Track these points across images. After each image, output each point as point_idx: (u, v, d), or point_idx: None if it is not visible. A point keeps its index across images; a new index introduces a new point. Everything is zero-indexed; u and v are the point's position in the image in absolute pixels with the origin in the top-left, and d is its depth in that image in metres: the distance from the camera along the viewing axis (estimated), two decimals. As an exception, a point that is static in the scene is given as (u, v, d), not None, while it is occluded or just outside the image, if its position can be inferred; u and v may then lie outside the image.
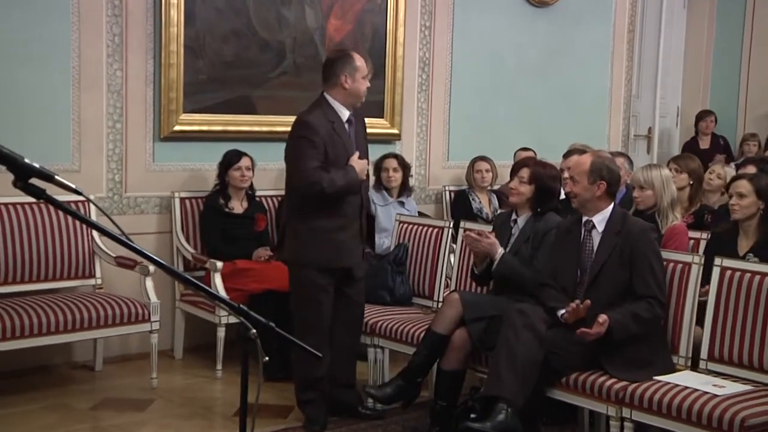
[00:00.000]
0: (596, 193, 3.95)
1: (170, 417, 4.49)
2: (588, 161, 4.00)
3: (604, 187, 3.95)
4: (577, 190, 3.99)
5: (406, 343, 4.47)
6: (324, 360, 4.17)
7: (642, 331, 3.78)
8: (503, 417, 3.63)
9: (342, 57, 4.30)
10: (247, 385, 2.31)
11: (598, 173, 3.95)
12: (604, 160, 4.04)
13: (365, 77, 4.26)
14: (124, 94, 5.31)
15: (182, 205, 5.51)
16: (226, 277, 5.12)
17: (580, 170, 3.99)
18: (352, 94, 4.25)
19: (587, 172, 3.96)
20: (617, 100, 7.94)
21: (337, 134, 4.19)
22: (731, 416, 3.33)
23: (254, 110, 5.83)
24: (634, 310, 3.77)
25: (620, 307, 3.78)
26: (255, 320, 2.23)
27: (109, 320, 4.68)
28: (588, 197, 3.97)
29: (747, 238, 4.36)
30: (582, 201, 3.99)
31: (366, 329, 4.62)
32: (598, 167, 3.96)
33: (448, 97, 6.84)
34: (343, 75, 4.22)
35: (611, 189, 3.98)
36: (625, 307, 3.78)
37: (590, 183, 3.95)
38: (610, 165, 4.03)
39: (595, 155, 4.10)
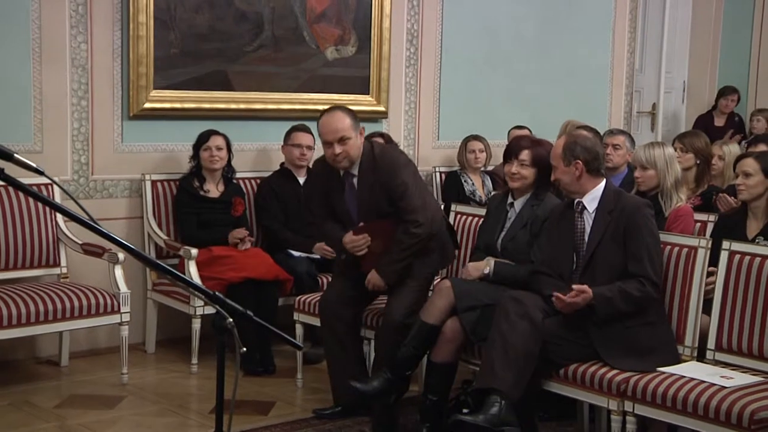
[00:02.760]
0: (576, 174, 3.98)
1: (142, 414, 4.49)
2: (561, 143, 4.06)
3: (581, 165, 3.97)
4: (558, 176, 4.04)
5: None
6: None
7: (631, 310, 3.80)
8: (497, 410, 3.64)
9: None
10: (223, 379, 2.31)
11: (571, 153, 3.98)
12: (576, 138, 4.07)
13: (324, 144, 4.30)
14: (89, 68, 5.28)
15: (154, 189, 5.50)
16: (201, 265, 5.11)
17: (555, 155, 4.05)
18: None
19: (561, 155, 4.00)
20: (619, 75, 7.95)
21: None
22: (740, 409, 3.35)
23: (230, 86, 5.82)
24: (622, 287, 3.81)
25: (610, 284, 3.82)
26: (231, 309, 2.24)
27: (75, 312, 4.67)
28: (569, 180, 4.00)
29: (756, 220, 4.38)
30: (566, 185, 4.04)
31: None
32: (571, 147, 3.99)
33: (438, 72, 6.84)
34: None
35: (591, 166, 3.99)
36: (614, 284, 3.82)
37: (566, 165, 3.99)
38: (583, 143, 4.03)
39: (567, 135, 4.16)
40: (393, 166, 4.31)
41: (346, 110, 4.35)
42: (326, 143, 4.29)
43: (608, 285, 3.82)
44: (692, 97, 9.22)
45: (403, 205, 4.28)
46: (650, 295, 3.83)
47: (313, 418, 4.45)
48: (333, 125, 4.25)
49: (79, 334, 5.20)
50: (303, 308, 4.87)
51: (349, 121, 4.28)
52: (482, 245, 4.41)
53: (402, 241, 4.31)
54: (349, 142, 4.25)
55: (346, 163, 4.31)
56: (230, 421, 2.28)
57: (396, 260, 4.32)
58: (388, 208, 4.34)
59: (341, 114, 4.30)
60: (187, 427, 4.35)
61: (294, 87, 6.09)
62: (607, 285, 3.82)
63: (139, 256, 2.35)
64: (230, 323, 2.21)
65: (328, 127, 4.26)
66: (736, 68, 9.35)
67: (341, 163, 4.30)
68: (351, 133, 4.26)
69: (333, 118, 4.28)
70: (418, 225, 4.27)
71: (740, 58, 9.39)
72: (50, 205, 2.57)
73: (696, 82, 9.23)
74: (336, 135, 4.23)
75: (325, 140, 4.29)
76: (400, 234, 4.31)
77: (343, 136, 4.24)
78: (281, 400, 4.72)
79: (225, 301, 2.25)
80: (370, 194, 4.34)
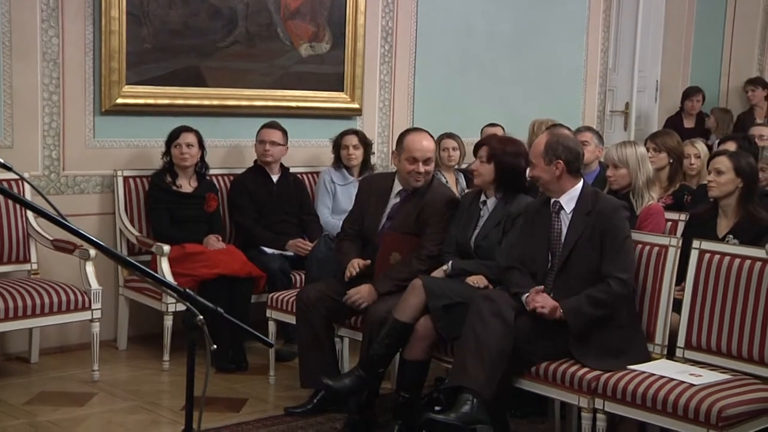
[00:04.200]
0: (556, 174, 3.99)
1: (113, 412, 4.47)
2: (543, 141, 4.05)
3: (562, 166, 3.98)
4: (537, 174, 4.04)
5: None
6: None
7: (603, 313, 3.82)
8: (468, 408, 3.66)
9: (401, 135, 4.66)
10: (193, 376, 2.31)
11: (553, 153, 3.99)
12: (558, 138, 4.08)
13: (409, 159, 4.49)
14: (60, 63, 5.24)
15: (126, 185, 5.47)
16: (174, 261, 5.09)
17: (535, 152, 4.04)
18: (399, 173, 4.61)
19: (542, 153, 4.00)
20: (592, 74, 8.00)
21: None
22: (708, 407, 3.38)
23: (203, 82, 5.79)
24: (588, 293, 3.83)
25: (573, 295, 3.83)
26: (202, 306, 2.23)
27: (45, 308, 4.64)
28: (548, 179, 4.01)
29: (726, 218, 4.42)
30: (545, 184, 4.04)
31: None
32: (553, 147, 4.00)
33: (413, 70, 6.84)
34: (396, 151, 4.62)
35: (571, 167, 4.01)
36: (581, 293, 3.83)
37: (547, 164, 3.99)
38: (565, 142, 4.05)
39: (549, 134, 4.15)
40: (440, 199, 4.52)
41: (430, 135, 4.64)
42: (413, 159, 4.47)
43: (575, 296, 3.82)
44: (665, 96, 9.28)
45: (428, 232, 4.46)
46: (618, 294, 3.83)
47: (285, 415, 4.44)
48: (428, 145, 4.52)
49: (49, 330, 5.16)
50: (276, 305, 4.86)
51: (434, 145, 4.63)
52: (454, 243, 4.42)
53: (411, 263, 4.41)
54: (431, 164, 4.54)
55: (423, 182, 4.53)
56: (200, 417, 2.28)
57: (397, 279, 4.39)
58: (415, 229, 4.50)
59: (430, 137, 4.60)
60: (159, 424, 4.33)
61: (268, 83, 6.07)
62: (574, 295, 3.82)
63: (109, 252, 2.34)
64: (200, 320, 2.21)
65: (420, 144, 4.49)
66: (708, 68, 9.43)
67: (420, 182, 4.51)
68: (434, 156, 4.60)
69: (426, 138, 4.56)
70: (430, 255, 4.42)
71: (712, 58, 9.47)
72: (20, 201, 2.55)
73: (669, 81, 9.30)
74: (426, 154, 4.48)
75: (413, 156, 4.47)
76: (413, 256, 4.43)
77: (431, 157, 4.52)
78: (253, 397, 4.72)
79: (195, 298, 2.24)
80: (409, 214, 4.52)
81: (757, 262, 3.77)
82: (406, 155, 4.49)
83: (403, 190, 4.59)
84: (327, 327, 4.53)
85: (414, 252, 4.45)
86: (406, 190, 4.58)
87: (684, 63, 9.47)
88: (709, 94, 9.10)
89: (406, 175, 4.52)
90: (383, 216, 4.60)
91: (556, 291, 3.92)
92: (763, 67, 9.40)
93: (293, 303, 4.68)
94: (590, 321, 3.81)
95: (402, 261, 4.46)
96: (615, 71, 8.54)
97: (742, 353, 3.76)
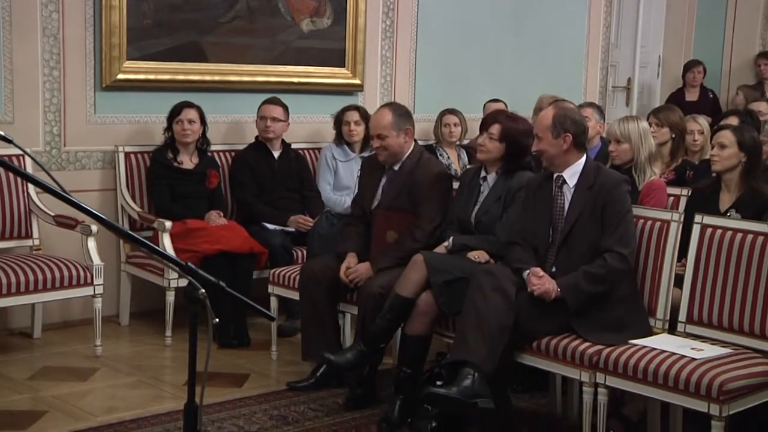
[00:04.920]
0: (563, 147, 3.96)
1: (115, 386, 4.48)
2: (550, 115, 4.00)
3: (570, 139, 3.96)
4: (543, 147, 3.99)
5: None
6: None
7: (602, 289, 3.82)
8: (469, 382, 3.66)
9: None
10: (195, 349, 2.31)
11: (561, 126, 3.96)
12: (566, 111, 4.05)
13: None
14: (61, 38, 5.21)
15: (127, 161, 5.45)
16: (175, 237, 5.09)
17: (543, 126, 3.99)
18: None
19: (550, 127, 3.96)
20: (594, 50, 7.96)
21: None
22: (709, 381, 3.39)
23: (204, 58, 5.77)
24: (586, 269, 3.82)
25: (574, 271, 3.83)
26: (204, 279, 2.23)
27: (48, 284, 4.64)
28: (555, 153, 3.97)
29: (729, 193, 4.41)
30: (550, 158, 3.99)
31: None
32: (561, 120, 3.97)
33: (414, 45, 6.81)
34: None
35: (578, 140, 3.98)
36: (579, 269, 3.82)
37: (555, 137, 3.95)
38: (573, 115, 4.04)
39: (556, 107, 4.10)
40: (429, 175, 4.50)
41: (393, 109, 4.61)
42: (370, 136, 4.73)
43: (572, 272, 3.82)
44: (667, 71, 9.24)
45: (420, 210, 4.45)
46: (616, 268, 3.82)
47: (287, 390, 4.46)
48: (376, 121, 4.58)
49: (51, 306, 5.17)
50: (278, 281, 4.86)
51: (390, 119, 4.52)
52: (455, 219, 4.41)
53: (404, 242, 4.41)
54: (387, 139, 4.50)
55: (384, 157, 4.54)
56: (203, 391, 2.28)
57: (391, 257, 4.39)
58: (408, 207, 4.50)
59: (385, 111, 4.60)
60: (162, 399, 4.34)
61: (269, 59, 6.04)
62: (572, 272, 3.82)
63: (111, 226, 2.34)
64: (203, 294, 2.21)
65: (372, 121, 4.64)
66: (710, 43, 9.39)
67: (381, 156, 4.55)
68: (390, 132, 4.51)
69: (379, 113, 4.60)
70: (423, 234, 4.41)
71: (714, 33, 9.42)
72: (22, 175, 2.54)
73: (671, 57, 9.26)
74: (375, 130, 4.55)
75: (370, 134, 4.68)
76: (407, 235, 4.42)
77: (381, 133, 4.51)
78: (256, 373, 4.73)
79: (197, 271, 2.24)
80: (399, 192, 4.52)
81: (759, 237, 3.76)
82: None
83: (391, 167, 4.59)
84: (330, 301, 4.53)
85: (408, 230, 4.45)
86: (393, 167, 4.57)
87: (686, 38, 9.42)
88: (711, 69, 9.05)
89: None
90: (376, 194, 4.61)
91: (558, 265, 3.92)
92: (766, 41, 9.36)
93: (295, 279, 4.69)
94: (588, 298, 3.80)
95: (397, 239, 4.46)
96: (617, 47, 8.50)
97: (744, 327, 3.76)
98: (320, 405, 4.30)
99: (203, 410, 3.39)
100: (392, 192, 4.54)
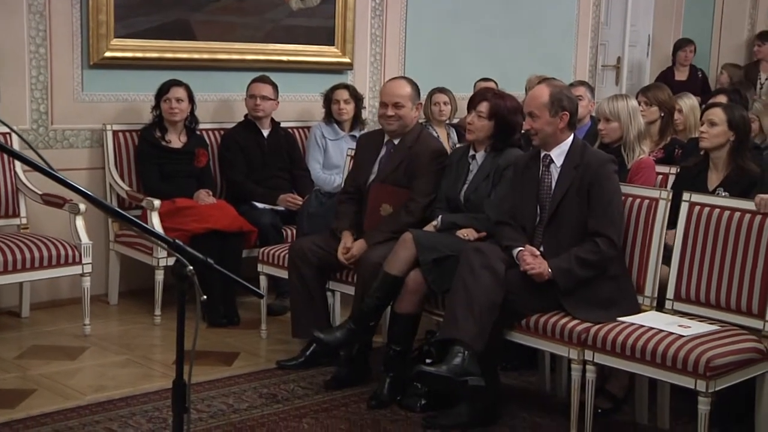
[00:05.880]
0: (560, 126, 3.94)
1: (105, 366, 4.48)
2: (546, 92, 3.97)
3: (567, 117, 3.95)
4: (539, 125, 3.95)
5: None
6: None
7: (593, 274, 3.82)
8: (459, 360, 3.67)
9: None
10: (183, 325, 2.31)
11: (559, 104, 3.94)
12: (562, 89, 4.05)
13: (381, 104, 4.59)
14: (47, 15, 5.17)
15: (115, 139, 5.43)
16: (164, 216, 5.08)
17: (539, 103, 3.95)
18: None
19: (547, 105, 3.93)
20: (584, 28, 7.95)
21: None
22: (696, 357, 3.41)
23: (193, 36, 5.74)
24: (578, 254, 3.81)
25: (566, 253, 3.83)
26: (191, 256, 2.22)
27: (36, 263, 4.63)
28: (551, 131, 3.95)
29: (717, 171, 4.41)
30: (544, 136, 3.96)
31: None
32: (558, 97, 3.95)
33: (404, 24, 6.79)
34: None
35: (573, 119, 3.98)
36: (570, 252, 3.82)
37: (552, 115, 3.93)
38: (569, 93, 4.04)
39: (550, 85, 4.07)
40: (427, 151, 4.51)
41: (410, 82, 4.64)
42: (383, 104, 4.55)
43: (564, 255, 3.82)
44: (656, 50, 9.24)
45: (416, 184, 4.46)
46: (606, 255, 3.83)
47: (276, 369, 4.46)
48: (395, 89, 4.53)
49: (39, 285, 5.15)
50: (267, 260, 4.86)
51: (409, 90, 4.54)
52: (444, 197, 4.41)
53: (400, 215, 4.41)
54: (403, 109, 4.48)
55: (395, 127, 4.50)
56: (191, 368, 2.28)
57: (385, 231, 4.39)
58: (404, 181, 4.50)
59: (404, 81, 4.64)
60: (151, 377, 4.34)
61: (258, 37, 6.01)
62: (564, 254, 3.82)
63: (99, 203, 2.33)
64: (190, 271, 2.20)
65: (389, 89, 4.56)
66: (699, 22, 9.38)
67: (391, 125, 4.51)
68: (407, 102, 4.51)
69: (397, 83, 4.62)
70: (418, 208, 4.42)
71: (704, 12, 9.41)
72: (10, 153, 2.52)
73: (660, 35, 9.25)
74: (393, 99, 4.49)
75: (382, 101, 4.55)
76: (402, 208, 4.43)
77: (399, 102, 4.48)
78: (245, 351, 4.73)
79: (185, 248, 2.24)
80: (398, 165, 4.51)
81: (747, 215, 3.78)
82: (380, 101, 4.60)
83: (391, 140, 4.59)
84: (318, 278, 4.53)
85: (403, 205, 4.45)
86: (393, 140, 4.57)
87: (676, 17, 9.41)
88: (701, 48, 9.05)
89: (381, 122, 4.59)
90: (373, 168, 4.59)
91: (545, 244, 3.92)
92: (755, 21, 9.35)
93: (284, 257, 4.69)
94: (577, 281, 3.81)
95: (392, 213, 4.46)
96: (607, 25, 8.49)
97: (731, 305, 3.78)
98: (309, 383, 4.31)
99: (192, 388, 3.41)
100: (390, 165, 4.54)
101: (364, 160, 4.68)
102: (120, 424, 3.76)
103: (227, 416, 3.90)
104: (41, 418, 3.78)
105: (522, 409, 4.09)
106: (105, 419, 3.81)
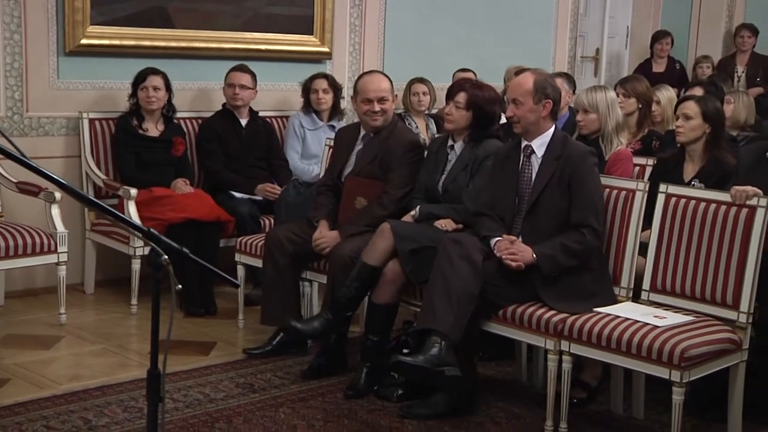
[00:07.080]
0: (542, 114, 3.94)
1: (81, 355, 4.46)
2: (531, 80, 3.97)
3: (551, 106, 3.95)
4: (522, 113, 3.94)
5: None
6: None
7: (576, 264, 3.84)
8: (437, 351, 3.67)
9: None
10: (158, 315, 2.30)
11: (542, 91, 3.94)
12: (546, 77, 4.05)
13: (364, 100, 4.51)
14: (22, 1, 5.13)
15: (91, 127, 5.39)
16: (141, 205, 5.05)
17: (523, 90, 3.95)
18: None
19: (531, 92, 3.93)
20: (563, 19, 7.96)
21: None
22: (671, 347, 3.43)
23: (171, 23, 5.70)
24: (563, 242, 3.83)
25: (549, 240, 3.84)
26: (167, 246, 2.21)
27: (10, 251, 4.59)
28: (533, 119, 3.95)
29: (693, 163, 4.44)
30: (527, 125, 3.96)
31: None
32: (543, 85, 3.95)
33: (383, 13, 6.77)
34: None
35: (556, 108, 3.99)
36: (555, 240, 3.84)
37: (536, 103, 3.93)
38: (552, 82, 4.05)
39: (535, 73, 4.07)
40: (402, 143, 4.51)
41: (387, 76, 4.65)
42: (367, 101, 4.49)
43: (548, 242, 3.83)
44: (635, 42, 9.27)
45: (390, 177, 4.45)
46: (591, 245, 3.85)
47: (253, 359, 4.45)
48: (380, 84, 4.52)
49: (14, 273, 5.12)
50: (244, 249, 4.85)
51: (389, 84, 4.57)
52: (422, 187, 4.41)
53: (372, 208, 4.41)
54: (387, 103, 4.50)
55: (381, 122, 4.51)
56: (165, 358, 2.26)
57: (359, 224, 4.39)
58: (379, 174, 4.49)
59: (381, 75, 4.65)
60: (127, 367, 4.32)
61: (236, 26, 5.99)
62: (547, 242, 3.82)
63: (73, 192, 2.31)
64: (165, 260, 2.19)
65: (373, 85, 4.51)
66: (678, 13, 9.42)
67: (377, 122, 4.49)
68: (390, 96, 4.54)
69: (379, 78, 4.59)
70: (391, 201, 4.42)
71: (682, 4, 9.45)
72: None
73: (639, 27, 9.28)
74: (379, 94, 4.48)
75: (367, 98, 4.49)
76: (376, 201, 4.43)
77: (385, 96, 4.50)
78: (222, 341, 4.72)
79: (160, 238, 2.22)
80: (373, 158, 4.51)
81: (722, 206, 3.80)
82: (361, 97, 4.53)
83: (367, 134, 4.58)
84: (292, 267, 4.53)
85: (378, 198, 4.44)
86: (370, 134, 4.56)
87: (654, 9, 9.45)
88: (679, 40, 9.08)
89: (363, 117, 4.55)
90: (349, 161, 4.59)
91: (524, 235, 3.93)
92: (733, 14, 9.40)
93: (262, 247, 4.67)
94: (560, 269, 3.83)
95: (366, 206, 4.45)
96: (586, 16, 8.51)
97: (705, 295, 3.81)
98: (286, 373, 4.31)
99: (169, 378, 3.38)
100: (366, 158, 4.54)
101: (340, 153, 4.67)
102: (95, 414, 3.74)
103: (203, 406, 3.89)
104: (15, 407, 3.76)
105: (499, 398, 4.10)
106: (80, 408, 3.79)
